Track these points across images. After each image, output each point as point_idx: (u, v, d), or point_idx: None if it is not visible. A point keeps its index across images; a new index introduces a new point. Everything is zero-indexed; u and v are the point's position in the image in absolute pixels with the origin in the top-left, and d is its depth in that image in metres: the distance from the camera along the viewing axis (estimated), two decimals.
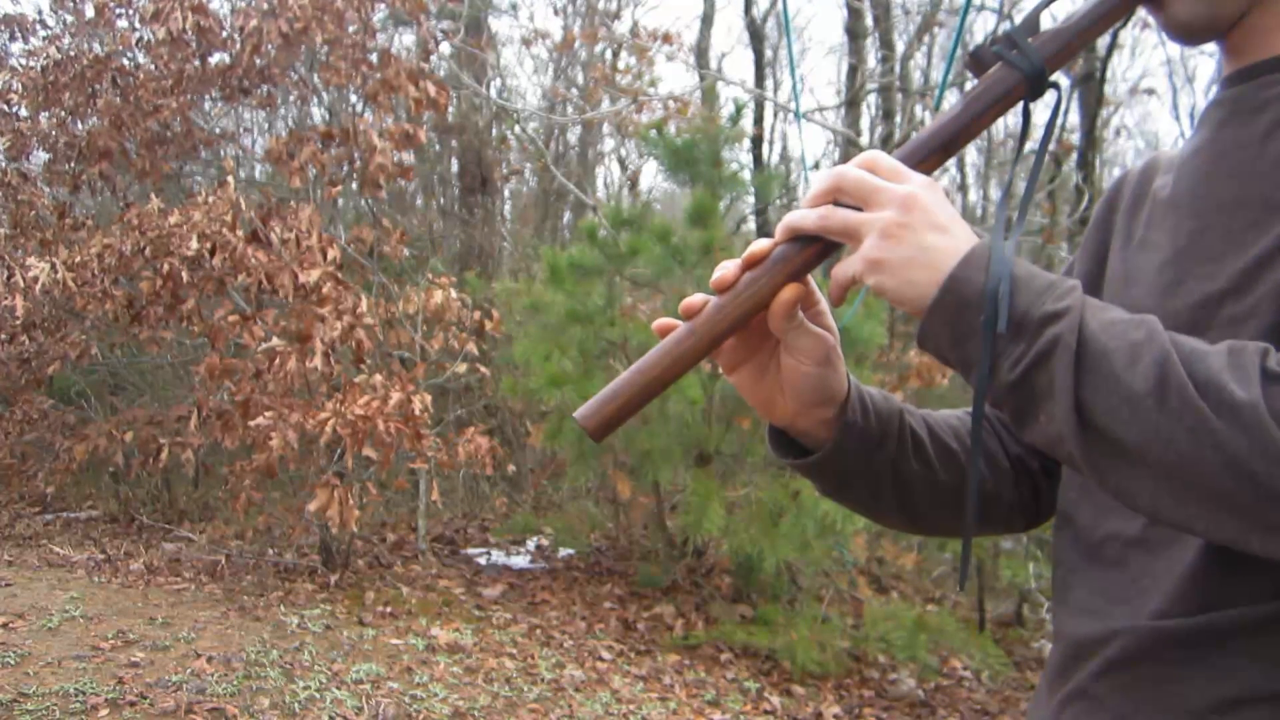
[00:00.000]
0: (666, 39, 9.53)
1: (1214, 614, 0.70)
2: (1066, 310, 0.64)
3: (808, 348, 0.79)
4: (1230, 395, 0.58)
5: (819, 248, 0.74)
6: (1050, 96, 0.77)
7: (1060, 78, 0.76)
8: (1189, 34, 0.78)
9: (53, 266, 4.42)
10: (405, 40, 8.40)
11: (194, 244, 4.39)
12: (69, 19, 5.94)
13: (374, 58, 5.57)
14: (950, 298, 0.67)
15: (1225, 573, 0.70)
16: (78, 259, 4.56)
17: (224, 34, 5.35)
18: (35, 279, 4.36)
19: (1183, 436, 0.59)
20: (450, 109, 7.30)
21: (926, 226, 0.68)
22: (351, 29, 5.46)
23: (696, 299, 0.77)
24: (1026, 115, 0.78)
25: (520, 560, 5.69)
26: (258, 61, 5.33)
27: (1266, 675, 0.68)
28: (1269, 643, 0.68)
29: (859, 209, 0.71)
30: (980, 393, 0.68)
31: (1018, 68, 0.74)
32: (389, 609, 4.39)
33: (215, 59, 5.51)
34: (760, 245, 0.75)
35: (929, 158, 0.75)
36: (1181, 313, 0.71)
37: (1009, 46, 0.74)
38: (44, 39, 5.77)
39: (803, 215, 0.73)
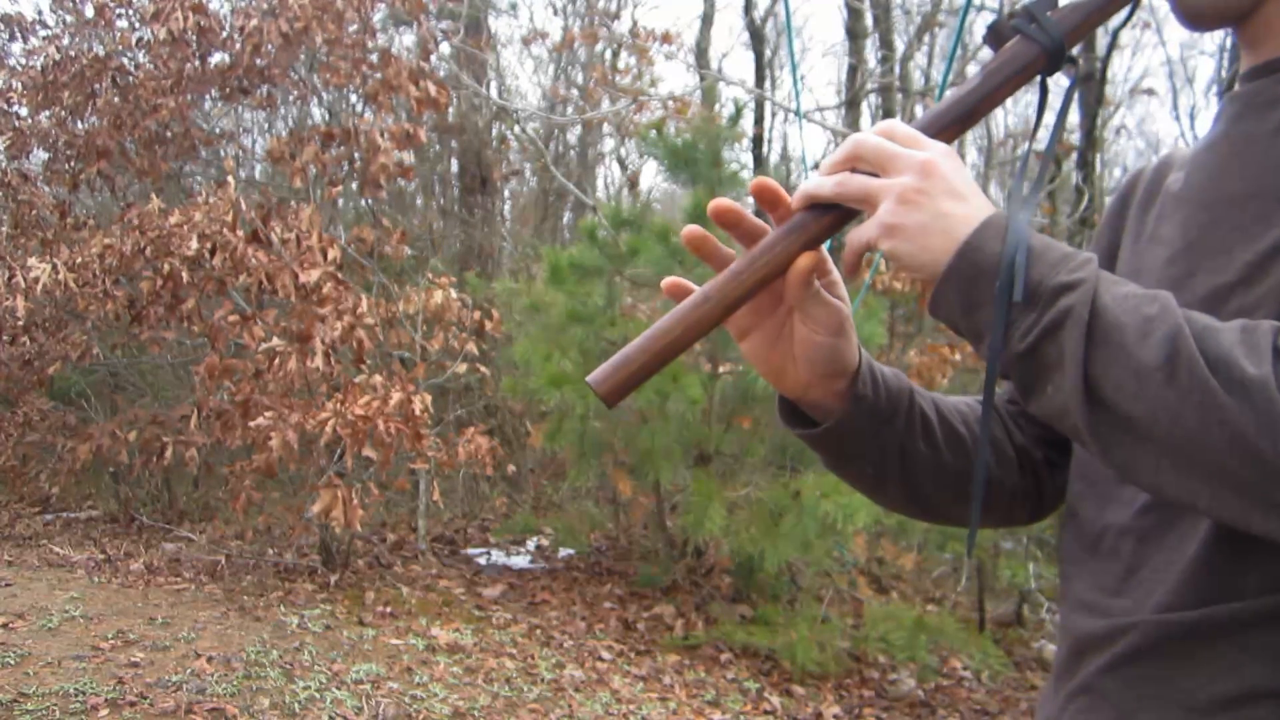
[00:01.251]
0: (666, 39, 9.53)
1: (1219, 607, 0.69)
2: (1080, 282, 0.63)
3: (822, 317, 0.79)
4: (1241, 371, 0.58)
5: (836, 215, 0.73)
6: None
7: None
8: (1201, 20, 0.78)
9: (54, 267, 4.42)
10: (405, 40, 8.40)
11: (194, 244, 4.39)
12: (69, 19, 5.94)
13: (373, 58, 5.57)
14: (964, 265, 0.66)
15: (1231, 564, 0.69)
16: (79, 259, 4.56)
17: (224, 34, 5.35)
18: (36, 280, 4.36)
19: (1191, 412, 0.58)
20: (450, 109, 7.30)
21: (944, 193, 0.68)
22: (351, 29, 5.46)
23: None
24: (1044, 89, 0.78)
25: (520, 560, 5.69)
26: (258, 62, 5.33)
27: (1273, 670, 0.67)
28: (1276, 636, 0.67)
29: (877, 176, 0.71)
30: (993, 360, 0.67)
31: (1036, 41, 0.74)
32: (389, 609, 4.39)
33: (215, 59, 5.51)
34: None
35: (947, 129, 0.75)
36: (1191, 305, 0.70)
37: (1028, 20, 0.74)
38: (43, 39, 5.77)
39: (820, 182, 0.73)
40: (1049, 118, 0.79)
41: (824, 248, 0.77)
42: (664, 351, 0.74)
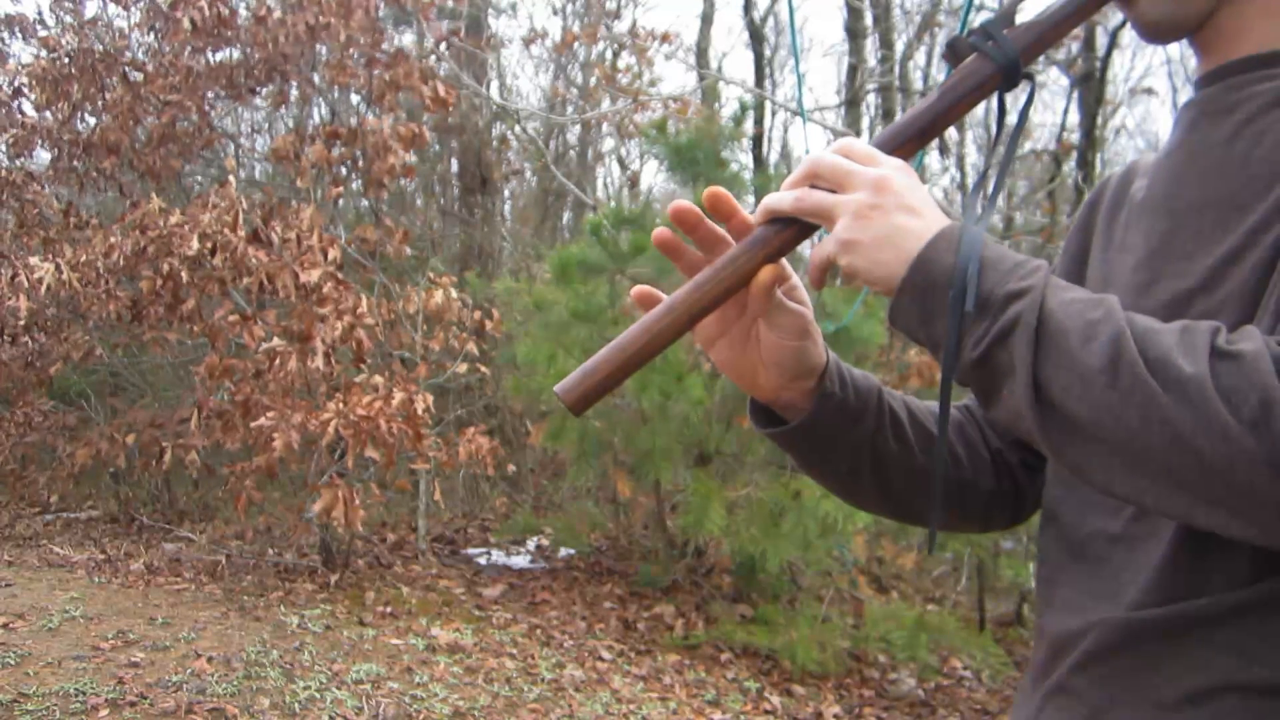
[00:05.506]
0: (665, 39, 9.52)
1: (1186, 604, 0.71)
2: (1029, 289, 0.65)
3: (786, 323, 0.81)
4: (1178, 370, 0.59)
5: (796, 230, 0.76)
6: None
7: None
8: (1157, 33, 0.79)
9: (57, 267, 4.41)
10: (405, 40, 8.40)
11: (195, 243, 4.39)
12: (68, 19, 5.93)
13: (375, 55, 5.57)
14: (919, 277, 0.68)
15: (1197, 562, 0.70)
16: (83, 259, 4.56)
17: (240, 27, 5.34)
18: (40, 280, 4.35)
19: (1132, 413, 0.60)
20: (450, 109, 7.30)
21: (897, 208, 0.70)
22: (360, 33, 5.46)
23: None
24: (1002, 106, 0.80)
25: (520, 560, 5.69)
26: (265, 61, 5.33)
27: (1239, 664, 0.68)
28: (1241, 632, 0.68)
29: (835, 192, 0.73)
30: (948, 369, 0.69)
31: (993, 59, 0.75)
32: (389, 609, 4.39)
33: (222, 55, 5.51)
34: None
35: (904, 144, 0.76)
36: (1155, 311, 0.72)
37: (984, 38, 0.76)
38: (42, 38, 5.76)
39: (779, 198, 0.75)
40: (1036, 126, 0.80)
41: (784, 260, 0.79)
42: (629, 361, 0.76)
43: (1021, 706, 0.86)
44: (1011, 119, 0.81)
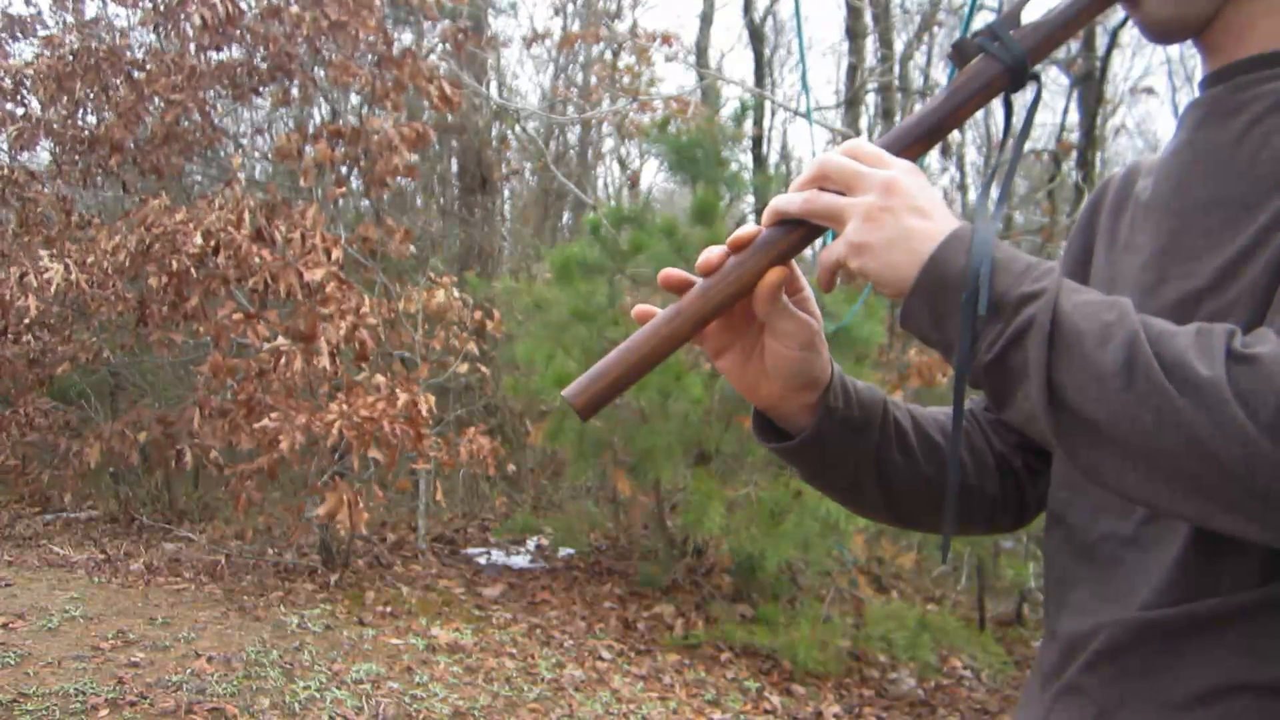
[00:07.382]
0: (665, 40, 9.53)
1: (1197, 604, 0.71)
2: (1042, 291, 0.65)
3: (791, 331, 0.80)
4: (1194, 373, 0.59)
5: (804, 232, 0.75)
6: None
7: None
8: (1163, 33, 0.79)
9: (66, 268, 4.40)
10: (404, 39, 8.40)
11: (198, 240, 4.38)
12: (69, 19, 5.93)
13: (390, 56, 5.56)
14: (931, 279, 0.68)
15: (1209, 563, 0.70)
16: (89, 258, 4.55)
17: (245, 26, 5.33)
18: (49, 281, 4.35)
19: (1148, 415, 0.59)
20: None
21: (907, 210, 0.70)
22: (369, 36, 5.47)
23: (679, 273, 0.78)
24: (1008, 106, 0.79)
25: (520, 560, 5.69)
26: (272, 59, 5.32)
27: (1249, 664, 0.68)
28: (1251, 632, 0.68)
29: (844, 194, 0.72)
30: (961, 371, 0.69)
31: (999, 59, 0.75)
32: (389, 609, 4.39)
33: (224, 54, 5.51)
34: (746, 230, 0.77)
35: (911, 146, 0.76)
36: (1163, 311, 0.72)
37: (991, 38, 0.75)
38: (43, 38, 5.76)
39: (788, 199, 0.74)
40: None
41: (793, 264, 0.78)
42: (637, 366, 0.75)
43: (1028, 707, 0.86)
44: (1018, 120, 0.80)
